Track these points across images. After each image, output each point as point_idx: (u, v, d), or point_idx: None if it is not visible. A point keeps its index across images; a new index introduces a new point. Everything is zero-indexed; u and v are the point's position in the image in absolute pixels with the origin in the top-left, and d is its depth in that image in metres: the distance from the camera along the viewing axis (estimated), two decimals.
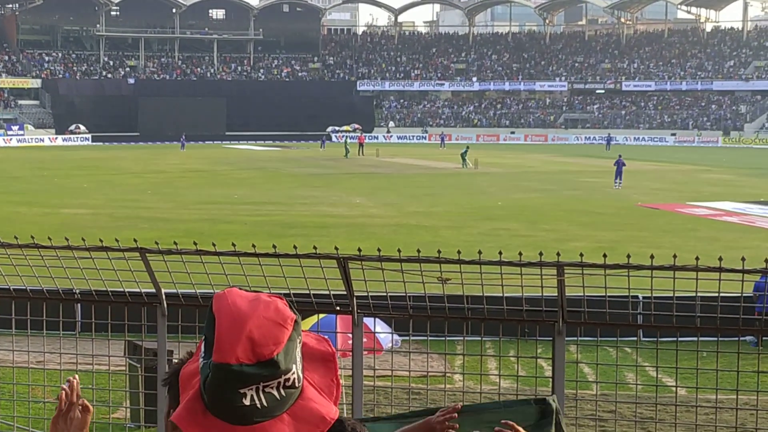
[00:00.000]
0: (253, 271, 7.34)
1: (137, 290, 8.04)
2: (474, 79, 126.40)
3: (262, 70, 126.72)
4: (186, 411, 2.12)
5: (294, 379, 2.09)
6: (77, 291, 8.41)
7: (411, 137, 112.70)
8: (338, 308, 7.71)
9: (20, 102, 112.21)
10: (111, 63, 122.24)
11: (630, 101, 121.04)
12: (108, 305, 8.15)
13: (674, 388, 9.10)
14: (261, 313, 2.07)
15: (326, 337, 2.32)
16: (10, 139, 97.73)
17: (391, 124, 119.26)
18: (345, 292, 7.42)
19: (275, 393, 2.06)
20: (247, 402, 2.04)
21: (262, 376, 2.03)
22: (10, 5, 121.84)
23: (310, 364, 2.19)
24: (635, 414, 9.40)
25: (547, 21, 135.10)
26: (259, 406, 2.05)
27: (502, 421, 3.40)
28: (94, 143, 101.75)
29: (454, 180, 55.96)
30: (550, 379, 7.28)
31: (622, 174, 51.10)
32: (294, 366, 2.08)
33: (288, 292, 7.53)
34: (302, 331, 2.20)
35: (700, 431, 7.87)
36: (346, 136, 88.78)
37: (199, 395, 2.11)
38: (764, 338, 15.73)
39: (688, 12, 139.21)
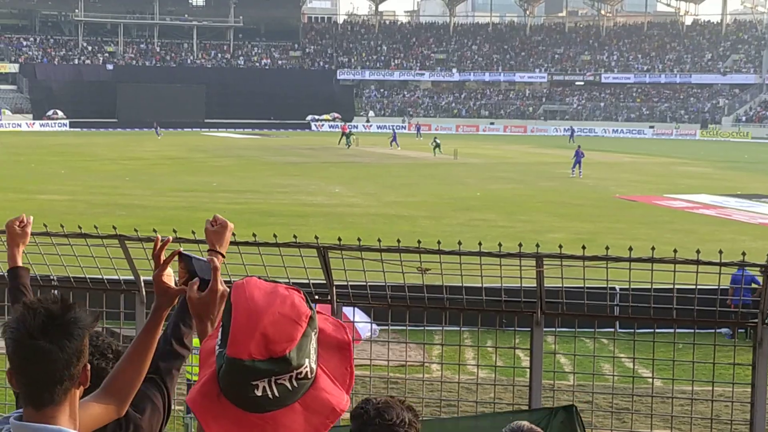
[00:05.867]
0: (233, 260, 7.33)
1: (116, 277, 8.01)
2: (454, 69, 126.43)
3: (241, 58, 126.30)
4: (200, 396, 2.18)
5: (306, 371, 2.13)
6: (55, 277, 8.37)
7: (390, 127, 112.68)
8: (317, 297, 7.71)
9: None
10: (89, 48, 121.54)
11: (609, 93, 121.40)
12: (86, 292, 8.11)
13: (650, 380, 9.16)
14: (276, 308, 2.10)
15: (344, 324, 2.35)
16: None
17: (371, 113, 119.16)
18: (324, 281, 7.42)
19: (287, 384, 2.10)
20: (259, 393, 2.09)
21: (274, 371, 2.08)
22: None
23: (326, 351, 2.23)
24: (611, 404, 9.45)
25: (527, 12, 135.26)
26: (270, 396, 2.10)
27: None
28: (71, 129, 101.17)
29: (432, 170, 56.00)
30: (528, 370, 7.32)
31: (581, 164, 53.34)
32: (307, 360, 2.12)
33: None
34: (321, 315, 2.23)
35: (676, 422, 7.92)
36: (351, 126, 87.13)
37: (215, 378, 2.16)
38: (740, 330, 15.86)
39: (668, 5, 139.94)
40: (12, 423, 2.59)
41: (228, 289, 2.61)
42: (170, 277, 3.02)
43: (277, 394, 2.09)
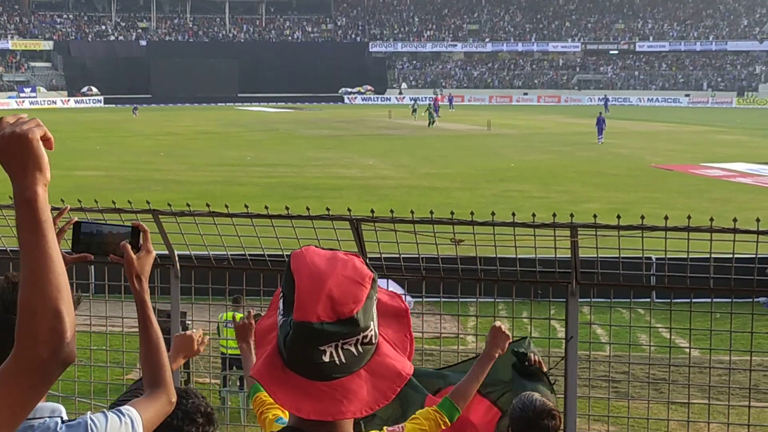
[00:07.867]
0: (266, 233, 7.34)
1: None
2: (487, 39, 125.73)
3: (273, 32, 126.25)
4: (265, 367, 2.18)
5: (371, 335, 2.14)
6: None
7: (423, 98, 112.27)
8: None
9: (32, 64, 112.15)
10: (123, 25, 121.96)
11: (644, 62, 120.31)
12: (121, 267, 8.13)
13: (687, 350, 9.10)
14: (339, 271, 2.12)
15: (398, 293, 2.38)
16: (23, 102, 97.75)
17: (404, 85, 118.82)
18: (357, 254, 7.38)
19: (353, 350, 2.11)
20: (326, 359, 2.09)
21: (342, 333, 2.08)
22: None
23: (384, 320, 2.25)
24: (648, 375, 9.42)
25: None
26: (337, 362, 2.10)
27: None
28: (106, 105, 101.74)
29: (466, 142, 55.83)
30: (564, 341, 7.27)
31: (602, 131, 54.31)
32: (372, 323, 2.14)
33: None
34: None
35: (714, 392, 7.87)
36: (430, 103, 78.32)
37: (277, 351, 2.17)
38: None
39: None
40: None
41: (155, 252, 3.18)
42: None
43: (343, 359, 2.10)
